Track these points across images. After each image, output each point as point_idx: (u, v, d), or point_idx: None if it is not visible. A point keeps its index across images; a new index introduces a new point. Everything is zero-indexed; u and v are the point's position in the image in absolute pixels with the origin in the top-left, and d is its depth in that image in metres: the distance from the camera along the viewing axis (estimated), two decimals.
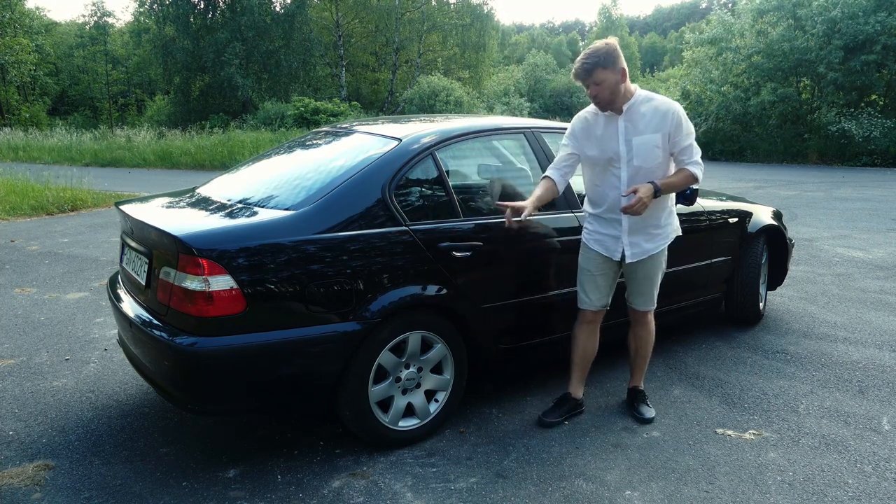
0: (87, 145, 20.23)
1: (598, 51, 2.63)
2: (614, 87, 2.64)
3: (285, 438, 2.84)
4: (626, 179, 2.73)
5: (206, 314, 2.31)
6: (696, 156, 2.75)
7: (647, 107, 2.71)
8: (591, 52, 2.64)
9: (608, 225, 2.85)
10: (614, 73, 2.62)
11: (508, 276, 3.00)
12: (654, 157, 2.70)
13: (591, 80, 2.64)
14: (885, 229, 7.76)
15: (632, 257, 2.83)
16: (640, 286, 2.93)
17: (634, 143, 2.70)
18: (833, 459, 2.68)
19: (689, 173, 2.74)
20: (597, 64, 2.61)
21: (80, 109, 37.89)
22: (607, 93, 2.65)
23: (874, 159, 16.69)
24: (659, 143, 2.69)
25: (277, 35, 28.53)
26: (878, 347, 3.93)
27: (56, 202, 9.32)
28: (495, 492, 2.45)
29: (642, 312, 3.00)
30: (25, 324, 4.35)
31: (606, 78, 2.62)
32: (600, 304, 2.95)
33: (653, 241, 2.84)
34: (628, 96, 2.70)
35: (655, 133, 2.69)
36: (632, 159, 2.71)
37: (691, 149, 2.74)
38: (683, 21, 66.50)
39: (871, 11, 16.85)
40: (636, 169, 2.72)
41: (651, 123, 2.69)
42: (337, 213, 2.56)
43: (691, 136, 2.74)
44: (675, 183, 2.74)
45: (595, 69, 2.62)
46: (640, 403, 3.09)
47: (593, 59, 2.62)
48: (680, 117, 2.69)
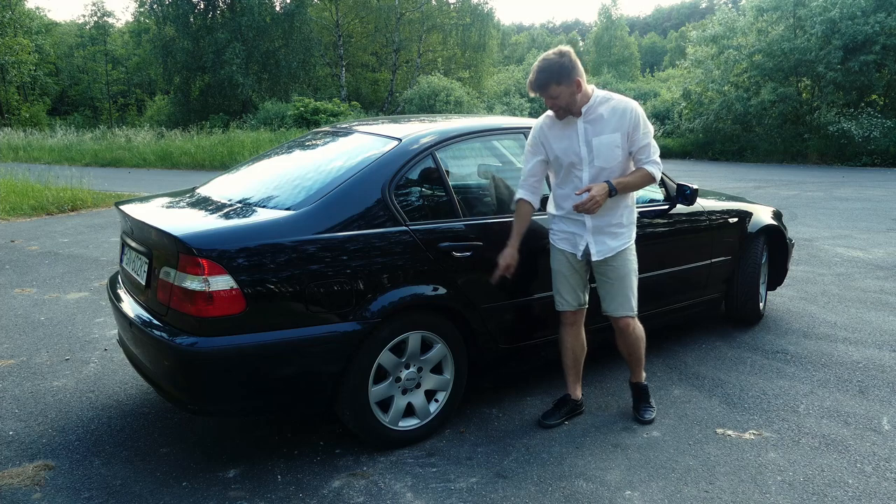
0: (87, 145, 20.24)
1: (550, 66, 2.61)
2: (570, 99, 2.65)
3: (285, 438, 2.84)
4: (587, 180, 2.73)
5: (206, 314, 2.31)
6: (653, 155, 2.74)
7: (605, 107, 2.71)
8: (543, 67, 2.62)
9: (573, 224, 2.84)
10: (569, 86, 2.62)
11: (508, 275, 2.99)
12: (614, 156, 2.70)
13: (546, 94, 2.65)
14: (885, 229, 7.76)
15: (598, 254, 2.80)
16: (612, 289, 2.86)
17: (594, 144, 2.70)
18: (833, 459, 2.68)
19: (646, 172, 2.73)
20: (549, 80, 2.61)
21: (80, 109, 37.91)
22: (563, 103, 2.66)
23: (874, 159, 16.70)
24: (619, 143, 2.69)
25: (277, 35, 28.55)
26: (878, 347, 3.93)
27: (56, 202, 9.32)
28: (495, 492, 2.45)
29: (622, 319, 2.89)
30: (25, 324, 4.36)
31: (561, 92, 2.62)
32: (577, 303, 2.93)
33: (618, 239, 2.81)
34: (585, 99, 2.70)
35: (615, 133, 2.69)
36: (593, 160, 2.71)
37: (649, 148, 2.73)
38: (683, 21, 66.51)
39: (870, 12, 16.86)
40: (598, 170, 2.72)
41: (610, 123, 2.69)
42: (337, 213, 2.56)
43: (649, 135, 2.74)
44: (630, 182, 2.73)
45: (549, 85, 2.62)
46: (642, 403, 3.07)
47: (545, 74, 2.61)
48: (638, 116, 2.70)
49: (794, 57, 18.02)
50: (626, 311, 2.88)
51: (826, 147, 17.60)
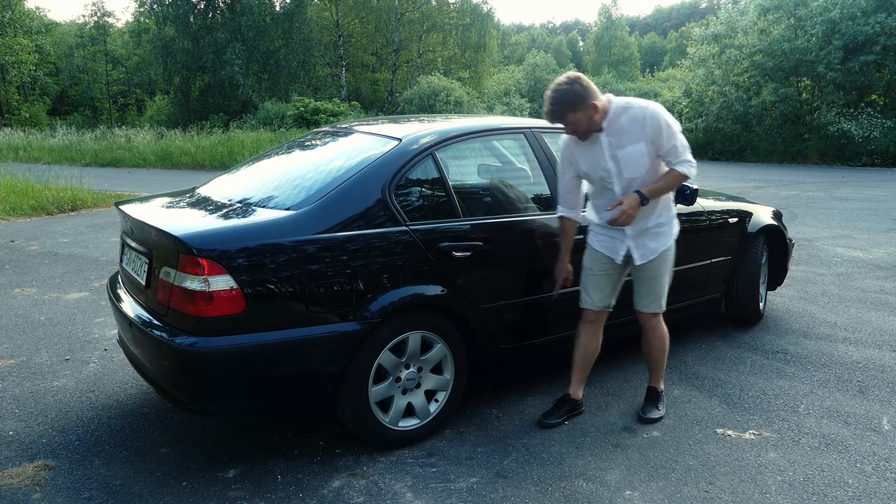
0: (87, 145, 20.23)
1: (564, 95, 2.60)
2: (588, 122, 2.65)
3: (285, 438, 2.84)
4: (619, 192, 2.74)
5: (206, 314, 2.31)
6: (683, 154, 2.70)
7: (625, 118, 2.67)
8: (557, 98, 2.61)
9: (612, 230, 2.84)
10: (585, 111, 2.61)
11: (508, 276, 3.00)
12: (642, 165, 2.69)
13: (564, 121, 2.66)
14: (885, 229, 7.76)
15: (641, 258, 2.82)
16: (645, 286, 2.90)
17: (620, 157, 2.69)
18: (833, 459, 2.68)
19: (678, 173, 2.72)
20: (565, 110, 2.61)
21: (80, 109, 37.90)
22: (583, 128, 2.66)
23: (874, 159, 16.69)
24: (644, 152, 2.67)
25: (277, 35, 28.54)
26: (878, 347, 3.93)
27: (56, 202, 9.31)
28: (495, 492, 2.45)
29: (649, 316, 2.95)
30: (25, 324, 4.35)
31: (578, 119, 2.63)
32: (602, 304, 2.94)
33: (658, 239, 2.83)
34: (605, 114, 2.68)
35: (638, 143, 2.66)
36: (621, 172, 2.71)
37: (677, 149, 2.69)
38: (683, 21, 66.52)
39: (870, 12, 16.85)
40: (629, 181, 2.72)
41: (632, 134, 2.66)
42: (337, 213, 2.56)
43: (675, 135, 2.68)
44: (662, 187, 2.73)
45: (565, 114, 2.62)
46: (649, 403, 3.07)
47: (560, 106, 2.61)
48: (658, 120, 2.64)
49: (795, 57, 18.02)
50: (652, 309, 2.93)
51: (826, 147, 17.59)
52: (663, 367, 3.09)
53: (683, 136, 2.73)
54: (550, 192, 3.18)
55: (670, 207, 2.90)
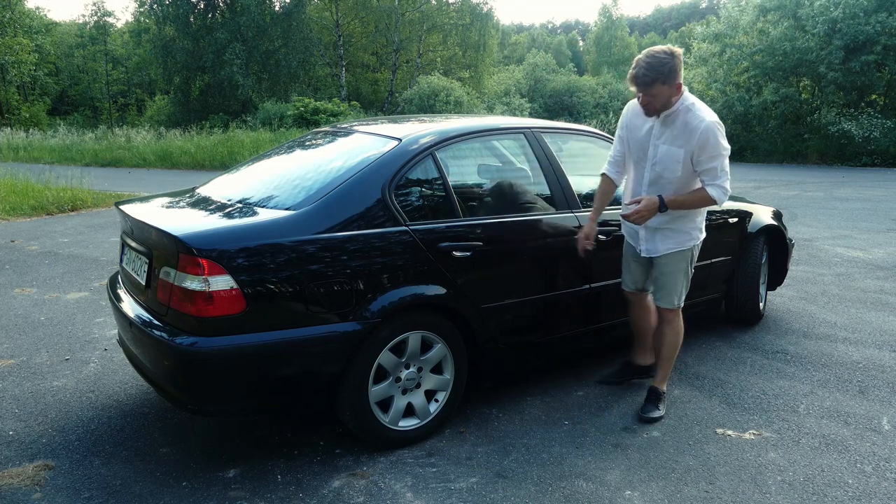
0: (87, 145, 20.22)
1: (661, 64, 2.56)
2: (667, 101, 2.65)
3: (285, 438, 2.84)
4: (647, 181, 2.78)
5: (206, 314, 2.31)
6: (720, 178, 2.69)
7: (684, 118, 2.68)
8: (653, 64, 2.56)
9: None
10: (670, 88, 2.61)
11: (508, 275, 2.99)
12: (673, 169, 2.72)
13: (649, 90, 2.61)
14: (885, 229, 7.76)
15: (645, 252, 2.92)
16: (658, 280, 3.01)
17: (660, 150, 2.74)
18: (833, 459, 2.68)
19: (707, 195, 2.72)
20: (657, 79, 2.58)
21: (81, 109, 37.91)
22: (659, 104, 2.66)
23: (874, 159, 16.69)
24: (680, 158, 2.69)
25: (277, 35, 28.53)
26: (878, 347, 3.92)
27: (56, 202, 9.31)
28: (495, 492, 2.45)
29: (663, 310, 3.04)
30: (25, 324, 4.35)
31: (662, 92, 2.61)
32: (634, 286, 3.11)
33: (667, 242, 2.89)
34: (674, 102, 2.68)
35: (680, 148, 2.69)
36: (655, 164, 2.76)
37: (715, 171, 2.69)
38: (683, 21, 66.51)
39: (871, 12, 16.85)
40: (657, 175, 2.76)
41: (679, 137, 2.68)
42: (337, 213, 2.56)
43: (718, 158, 2.67)
44: (686, 202, 2.74)
45: (654, 83, 2.59)
46: (649, 403, 3.08)
47: (654, 73, 2.56)
48: (708, 137, 2.63)
49: (795, 57, 18.02)
50: (665, 304, 3.01)
51: (826, 147, 17.59)
52: (671, 366, 3.12)
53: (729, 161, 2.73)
54: (550, 192, 3.18)
55: (692, 220, 2.89)
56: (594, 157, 3.60)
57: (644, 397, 3.12)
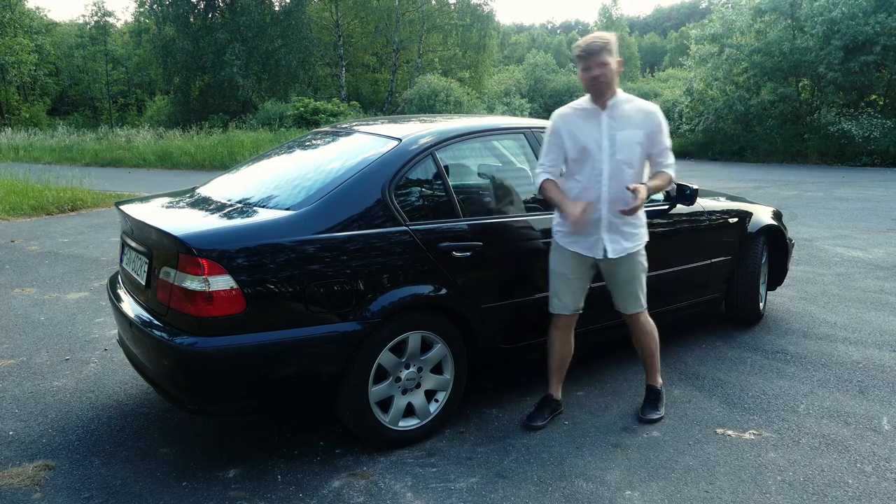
0: (87, 145, 20.22)
1: (604, 36, 2.72)
2: (612, 76, 2.71)
3: (285, 438, 2.84)
4: (607, 174, 2.75)
5: (206, 314, 2.31)
6: (672, 157, 2.86)
7: (628, 106, 2.79)
8: (598, 36, 2.73)
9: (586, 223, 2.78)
10: (615, 60, 2.72)
11: (508, 276, 2.99)
12: (634, 153, 2.76)
13: (597, 59, 2.69)
14: (885, 229, 7.76)
15: (613, 252, 2.82)
16: (625, 290, 2.93)
17: (618, 138, 2.74)
18: (833, 459, 2.68)
19: (669, 176, 2.84)
20: (604, 47, 2.69)
21: (81, 109, 37.89)
22: (609, 76, 2.70)
23: (874, 159, 16.69)
24: (641, 140, 2.76)
25: (276, 35, 28.52)
26: (878, 347, 3.93)
27: (56, 202, 9.31)
28: (495, 492, 2.45)
29: (635, 315, 2.99)
30: (25, 324, 4.35)
31: (610, 62, 2.69)
32: (575, 307, 2.93)
33: (630, 240, 2.85)
34: (614, 93, 2.77)
35: (638, 129, 2.76)
36: (615, 153, 2.75)
37: (668, 152, 2.84)
38: (683, 21, 66.45)
39: (870, 12, 16.84)
40: (619, 164, 2.75)
41: (634, 120, 2.76)
42: (337, 213, 2.56)
43: (668, 139, 2.84)
44: (659, 185, 2.82)
45: (602, 51, 2.69)
46: (649, 403, 3.08)
47: (602, 41, 2.70)
48: (661, 118, 2.81)
49: (794, 57, 18.01)
50: (636, 309, 2.97)
51: (826, 147, 17.59)
52: (658, 361, 3.12)
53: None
54: None
55: (644, 224, 2.94)
56: None
57: (643, 398, 3.12)
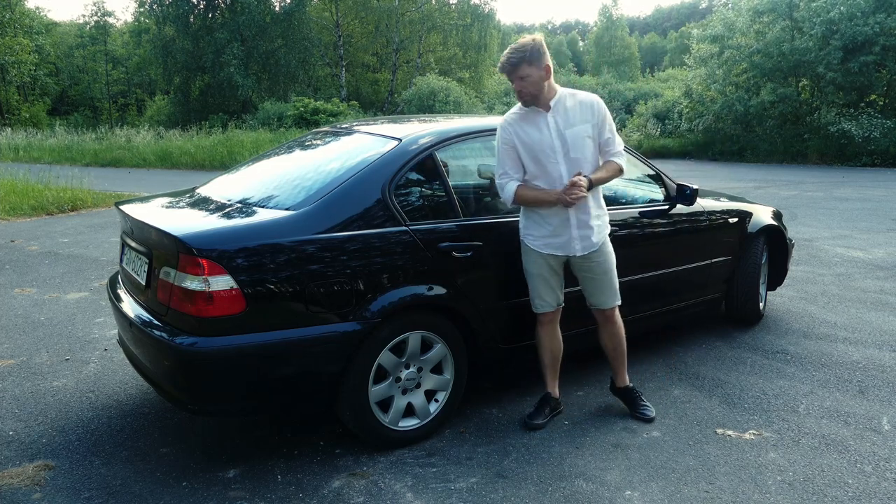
0: (87, 145, 20.23)
1: (524, 47, 2.66)
2: (538, 83, 2.68)
3: (285, 438, 2.84)
4: (565, 174, 2.73)
5: (206, 314, 2.31)
6: (620, 147, 2.84)
7: (571, 101, 2.76)
8: (517, 48, 2.68)
9: (556, 225, 2.78)
10: (539, 69, 2.66)
11: (508, 276, 2.99)
12: (586, 147, 2.75)
13: (517, 74, 2.66)
14: (885, 229, 7.76)
15: (583, 249, 2.81)
16: (600, 284, 2.91)
17: (568, 136, 2.72)
18: (833, 459, 2.68)
19: (617, 165, 2.82)
20: (522, 59, 2.64)
21: (81, 109, 37.90)
22: (532, 88, 2.68)
23: (874, 159, 16.67)
24: (590, 133, 2.75)
25: (276, 34, 28.53)
26: (878, 347, 3.93)
27: (56, 202, 9.31)
28: (495, 492, 2.45)
29: (609, 311, 2.96)
30: (25, 324, 4.35)
31: (531, 74, 2.65)
32: (556, 302, 2.95)
33: (599, 233, 2.85)
34: (552, 93, 2.74)
35: (585, 124, 2.74)
36: (568, 152, 2.73)
37: (615, 139, 2.82)
38: (683, 21, 66.48)
39: (869, 13, 16.83)
40: (573, 161, 2.73)
41: (579, 115, 2.74)
42: (337, 213, 2.56)
43: (614, 128, 2.84)
44: (604, 176, 2.79)
45: (520, 64, 2.65)
46: (638, 402, 3.07)
47: (519, 54, 2.65)
48: (604, 108, 2.80)
49: (794, 58, 18.00)
50: (612, 303, 2.95)
51: (826, 147, 17.58)
52: (625, 359, 3.09)
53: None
54: None
55: (603, 205, 2.92)
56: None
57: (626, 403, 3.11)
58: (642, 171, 3.68)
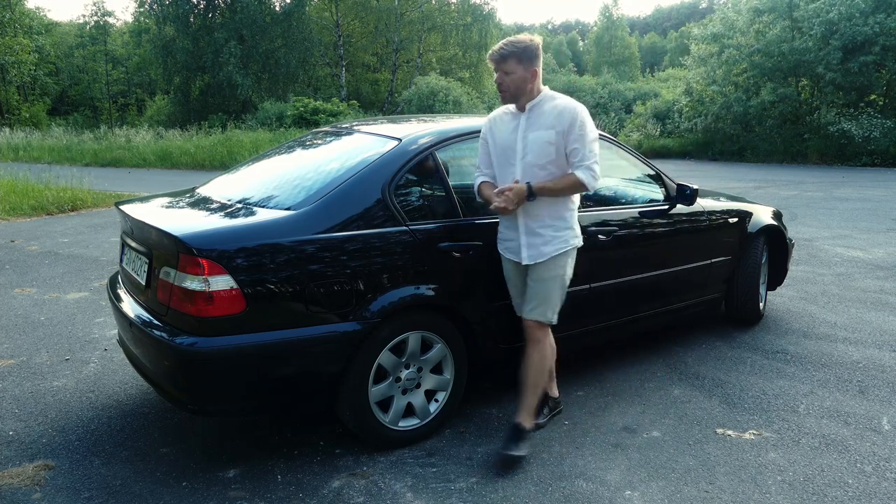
0: (87, 145, 20.24)
1: (519, 43, 2.58)
2: (520, 84, 2.59)
3: (285, 438, 2.84)
4: (519, 176, 2.61)
5: (206, 314, 2.31)
6: (588, 160, 2.55)
7: (548, 105, 2.63)
8: (512, 42, 2.60)
9: (510, 227, 2.72)
10: (526, 70, 2.57)
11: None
12: (545, 154, 2.59)
13: (503, 67, 2.58)
14: (885, 229, 7.76)
15: (528, 259, 2.66)
16: (532, 290, 2.68)
17: (529, 139, 2.62)
18: (833, 459, 2.68)
19: (576, 179, 2.55)
20: (512, 54, 2.56)
21: (81, 109, 37.90)
22: (512, 86, 2.59)
23: (874, 159, 16.68)
24: (552, 140, 2.58)
25: (276, 34, 28.53)
26: (878, 347, 3.93)
27: (56, 202, 9.31)
28: (495, 492, 2.45)
29: (534, 325, 2.68)
30: (25, 324, 4.35)
31: (516, 71, 2.57)
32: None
33: (550, 245, 2.65)
34: (534, 96, 2.64)
35: (549, 130, 2.58)
36: (525, 155, 2.62)
37: (583, 152, 2.55)
38: (683, 21, 66.47)
39: (868, 13, 16.83)
40: (528, 166, 2.61)
41: (546, 120, 2.60)
42: (337, 213, 2.56)
43: (586, 139, 2.55)
44: (552, 187, 2.57)
45: (509, 59, 2.57)
46: (511, 439, 2.66)
47: (511, 48, 2.57)
48: (576, 117, 2.56)
49: (794, 58, 18.00)
50: (535, 315, 2.67)
51: (826, 147, 17.58)
52: (537, 397, 2.73)
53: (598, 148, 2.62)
54: None
55: (566, 217, 2.68)
56: None
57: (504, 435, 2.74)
58: (642, 171, 3.68)
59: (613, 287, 3.31)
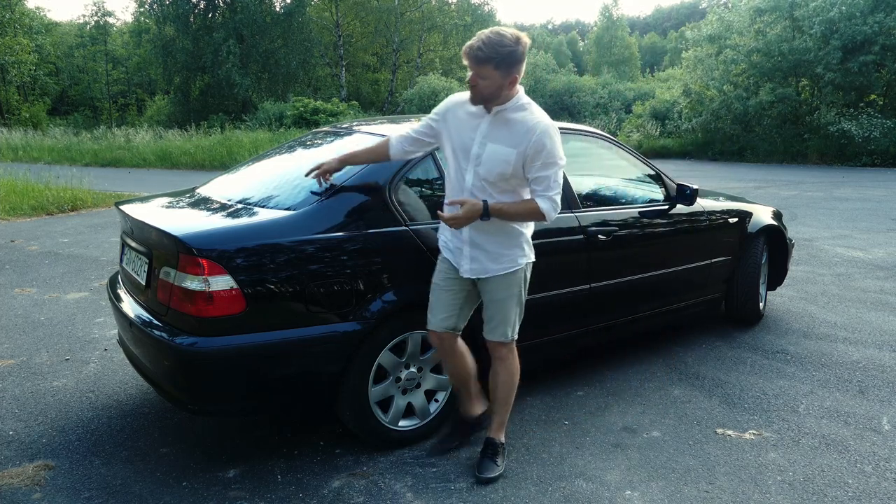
0: (87, 145, 20.24)
1: (501, 47, 2.21)
2: (495, 91, 2.27)
3: (285, 438, 2.84)
4: (469, 184, 2.38)
5: (206, 314, 2.31)
6: (552, 191, 2.31)
7: (518, 115, 2.33)
8: (495, 43, 2.21)
9: (455, 232, 2.48)
10: (503, 77, 2.24)
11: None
12: (500, 171, 2.32)
13: (478, 70, 2.25)
14: (885, 229, 7.76)
15: (470, 273, 2.45)
16: (488, 310, 2.53)
17: (487, 149, 2.34)
18: (833, 459, 2.68)
19: (535, 207, 2.31)
20: (490, 59, 2.21)
21: (81, 109, 37.93)
22: (486, 91, 2.28)
23: (874, 159, 16.68)
24: (510, 160, 2.30)
25: (276, 34, 28.54)
26: (878, 347, 3.93)
27: (56, 202, 9.31)
28: (495, 492, 2.45)
29: (496, 344, 2.55)
30: (25, 324, 4.35)
31: (493, 77, 2.24)
32: (444, 325, 2.53)
33: (498, 262, 2.44)
34: (506, 100, 2.32)
35: (510, 148, 2.30)
36: (479, 165, 2.35)
37: (548, 181, 2.30)
38: (683, 21, 66.44)
39: (868, 12, 16.83)
40: (478, 178, 2.36)
41: (510, 135, 2.32)
42: (337, 213, 2.56)
43: (553, 167, 2.30)
44: (508, 211, 2.33)
45: (487, 64, 2.22)
46: (486, 457, 2.58)
47: (490, 52, 2.21)
48: (543, 141, 2.27)
49: (793, 57, 18.01)
50: (495, 336, 2.54)
51: (826, 147, 17.58)
52: (508, 411, 2.66)
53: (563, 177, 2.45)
54: None
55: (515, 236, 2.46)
56: (594, 158, 3.60)
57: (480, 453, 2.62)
58: (642, 171, 3.68)
59: (614, 287, 3.31)
